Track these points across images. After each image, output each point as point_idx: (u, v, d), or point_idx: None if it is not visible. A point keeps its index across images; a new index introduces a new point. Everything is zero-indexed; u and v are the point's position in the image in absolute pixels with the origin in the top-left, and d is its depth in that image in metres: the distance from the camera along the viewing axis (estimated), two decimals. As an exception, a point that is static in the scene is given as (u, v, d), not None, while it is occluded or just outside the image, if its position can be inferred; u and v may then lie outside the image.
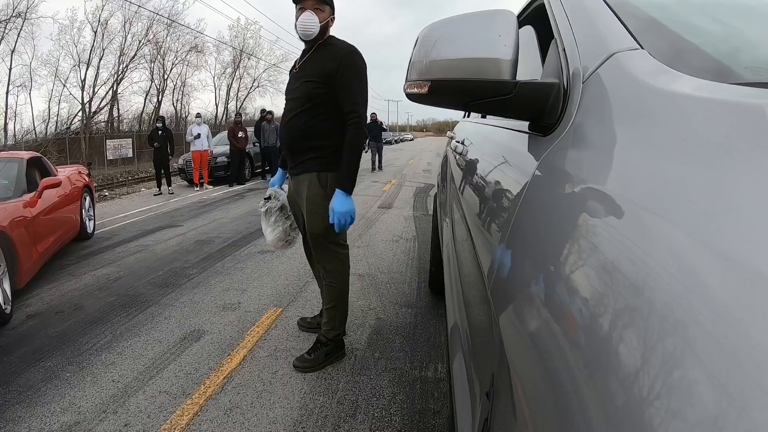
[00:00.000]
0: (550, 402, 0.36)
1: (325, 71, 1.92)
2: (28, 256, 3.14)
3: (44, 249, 3.50)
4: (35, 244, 3.31)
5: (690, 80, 0.47)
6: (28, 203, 3.41)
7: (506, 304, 0.54)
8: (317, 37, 1.97)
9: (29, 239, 3.20)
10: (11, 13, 19.52)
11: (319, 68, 1.94)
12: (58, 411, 1.89)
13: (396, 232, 4.94)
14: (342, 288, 2.18)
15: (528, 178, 0.65)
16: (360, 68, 1.95)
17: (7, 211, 3.02)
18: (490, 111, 0.74)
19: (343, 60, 1.91)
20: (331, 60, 1.92)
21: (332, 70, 1.91)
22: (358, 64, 1.94)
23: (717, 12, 0.78)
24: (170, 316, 2.80)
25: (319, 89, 1.93)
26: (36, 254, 3.31)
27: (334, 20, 2.05)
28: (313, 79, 1.94)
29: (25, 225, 3.17)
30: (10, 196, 3.39)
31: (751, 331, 0.22)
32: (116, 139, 18.96)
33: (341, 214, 1.94)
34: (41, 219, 3.50)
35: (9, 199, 3.30)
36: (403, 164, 14.31)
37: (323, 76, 1.92)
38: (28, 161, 4.00)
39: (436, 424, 1.78)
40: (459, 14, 0.76)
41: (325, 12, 1.97)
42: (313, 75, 1.95)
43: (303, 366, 2.16)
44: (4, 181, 3.60)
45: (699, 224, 0.30)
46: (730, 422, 0.21)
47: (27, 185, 3.69)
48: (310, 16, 1.92)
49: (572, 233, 0.44)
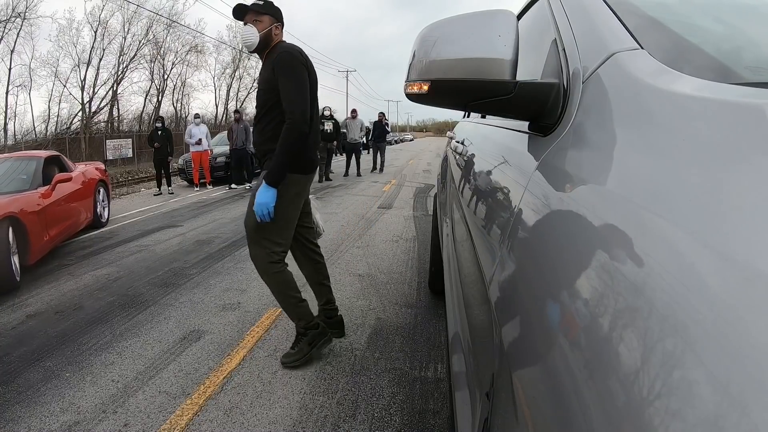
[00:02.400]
0: (550, 402, 0.36)
1: (268, 79, 2.03)
2: (39, 239, 3.79)
3: (55, 234, 4.16)
4: (46, 229, 3.97)
5: (690, 80, 0.47)
6: (42, 195, 4.08)
7: (506, 304, 0.54)
8: (263, 47, 2.08)
9: (40, 225, 3.85)
10: (10, 13, 19.52)
11: (265, 76, 2.05)
12: (57, 411, 1.89)
13: (396, 232, 4.94)
14: (275, 289, 2.17)
15: (528, 178, 0.65)
16: (290, 67, 2.00)
17: (22, 201, 3.72)
18: (490, 111, 0.74)
19: (276, 64, 2.00)
20: (270, 67, 2.02)
21: (271, 75, 2.01)
22: (288, 63, 2.00)
23: (717, 11, 0.78)
24: (170, 316, 2.80)
25: (267, 95, 2.04)
26: (47, 237, 3.96)
27: (281, 27, 2.14)
28: (263, 87, 2.07)
29: (37, 213, 3.84)
30: (27, 188, 4.13)
31: (751, 331, 0.22)
32: (116, 139, 18.96)
33: (258, 204, 1.99)
34: (53, 208, 4.16)
35: (26, 191, 4.04)
36: (403, 164, 14.31)
37: (268, 82, 2.03)
38: (46, 159, 4.70)
39: (436, 424, 1.78)
40: (459, 14, 0.76)
41: (264, 22, 2.06)
42: (262, 83, 2.08)
43: (289, 361, 2.19)
44: (23, 176, 4.33)
45: (699, 224, 0.30)
46: (731, 422, 0.20)
47: (43, 180, 4.37)
48: (249, 29, 2.04)
49: (572, 233, 0.44)
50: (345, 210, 6.25)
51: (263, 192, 1.99)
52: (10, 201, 3.57)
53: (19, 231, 3.54)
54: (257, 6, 2.06)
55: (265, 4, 2.08)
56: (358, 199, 7.20)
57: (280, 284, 2.16)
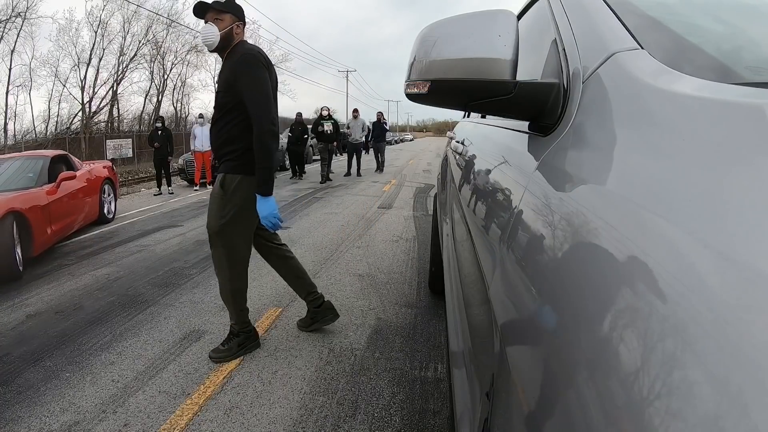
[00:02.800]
0: (550, 402, 0.36)
1: (227, 80, 2.02)
2: (42, 233, 4.09)
3: (59, 228, 4.46)
4: (50, 224, 4.26)
5: (690, 80, 0.47)
6: (47, 192, 4.36)
7: (506, 304, 0.54)
8: (224, 46, 2.06)
9: (44, 220, 4.15)
10: (11, 12, 19.52)
11: (224, 78, 2.04)
12: (57, 411, 1.89)
13: (396, 232, 4.94)
14: (229, 287, 2.20)
15: (528, 178, 0.65)
16: (252, 71, 1.99)
17: (27, 198, 4.03)
18: (490, 111, 0.74)
19: (237, 67, 1.99)
20: (230, 69, 2.01)
21: (231, 78, 2.00)
22: (251, 66, 1.99)
23: (717, 11, 0.77)
24: (170, 316, 2.80)
25: (226, 98, 2.02)
26: (50, 231, 4.26)
27: (242, 26, 2.12)
28: (221, 90, 2.05)
29: (41, 208, 4.13)
30: (33, 186, 4.43)
31: (751, 331, 0.22)
32: (116, 139, 18.95)
33: (264, 218, 2.03)
34: (57, 205, 4.45)
35: (31, 188, 4.33)
36: (403, 164, 14.31)
37: (227, 85, 2.02)
38: (52, 158, 5.02)
39: (436, 424, 1.78)
40: (459, 14, 0.76)
41: (225, 21, 2.04)
42: (221, 85, 2.06)
43: (217, 356, 2.23)
44: (30, 174, 4.66)
45: (699, 224, 0.30)
46: (731, 422, 0.20)
47: (48, 178, 4.68)
48: (209, 28, 2.02)
49: (572, 233, 0.44)
50: (345, 210, 6.25)
51: (263, 205, 2.01)
52: (15, 197, 3.88)
53: (23, 225, 3.82)
54: (218, 4, 2.04)
55: (227, 3, 2.06)
56: (358, 199, 7.20)
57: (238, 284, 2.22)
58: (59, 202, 4.52)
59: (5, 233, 3.52)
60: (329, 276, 3.49)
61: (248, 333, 2.31)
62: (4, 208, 3.58)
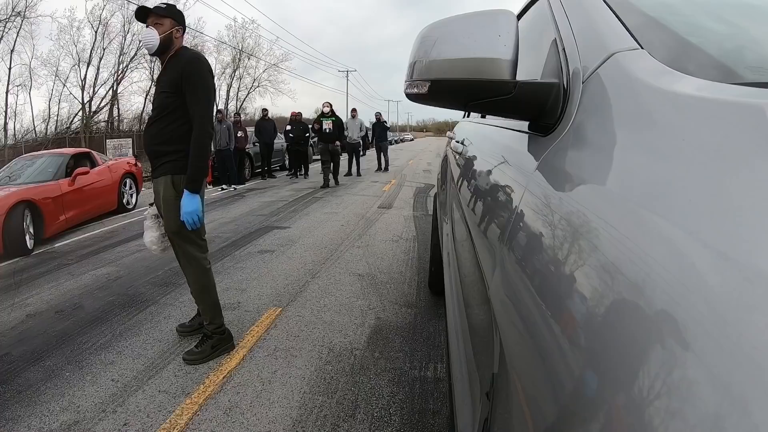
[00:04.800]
0: (550, 402, 0.36)
1: (173, 81, 2.09)
2: (54, 220, 4.98)
3: (73, 215, 5.35)
4: (63, 212, 5.15)
5: (690, 80, 0.47)
6: (61, 185, 5.23)
7: (506, 304, 0.54)
8: (165, 50, 2.15)
9: (56, 209, 5.01)
10: (10, 12, 19.52)
11: (170, 79, 2.11)
12: (57, 410, 1.89)
13: (396, 232, 4.94)
14: (200, 284, 2.27)
15: (528, 178, 0.65)
16: (201, 74, 2.10)
17: (40, 190, 4.91)
18: (490, 111, 0.74)
19: (185, 69, 2.07)
20: (176, 70, 2.09)
21: (178, 79, 2.08)
22: (199, 70, 2.10)
23: (718, 11, 0.77)
24: (170, 316, 2.80)
25: (171, 98, 2.10)
26: (63, 218, 5.14)
27: (182, 31, 2.21)
28: (165, 90, 2.12)
29: (53, 199, 4.98)
30: (49, 179, 5.26)
31: (751, 331, 0.22)
32: (116, 138, 18.96)
33: (186, 213, 2.10)
34: (70, 196, 5.31)
35: (47, 182, 5.18)
36: (403, 164, 14.30)
37: (172, 86, 2.09)
38: (73, 155, 5.94)
39: (436, 424, 1.78)
40: (459, 14, 0.76)
41: (164, 25, 2.13)
42: (165, 86, 2.12)
43: (191, 359, 2.24)
44: (50, 169, 5.48)
45: (699, 224, 0.30)
46: (731, 422, 0.20)
47: (66, 173, 5.51)
48: (149, 32, 2.11)
49: (572, 233, 0.44)
50: (345, 210, 6.25)
51: (189, 201, 2.09)
52: (29, 189, 4.79)
53: (36, 212, 4.69)
54: (159, 9, 2.13)
55: (167, 8, 2.15)
56: (358, 199, 7.20)
57: (208, 281, 2.29)
58: (73, 194, 5.35)
59: (17, 218, 4.33)
60: (329, 275, 3.49)
61: (222, 335, 2.32)
62: (17, 198, 4.39)
